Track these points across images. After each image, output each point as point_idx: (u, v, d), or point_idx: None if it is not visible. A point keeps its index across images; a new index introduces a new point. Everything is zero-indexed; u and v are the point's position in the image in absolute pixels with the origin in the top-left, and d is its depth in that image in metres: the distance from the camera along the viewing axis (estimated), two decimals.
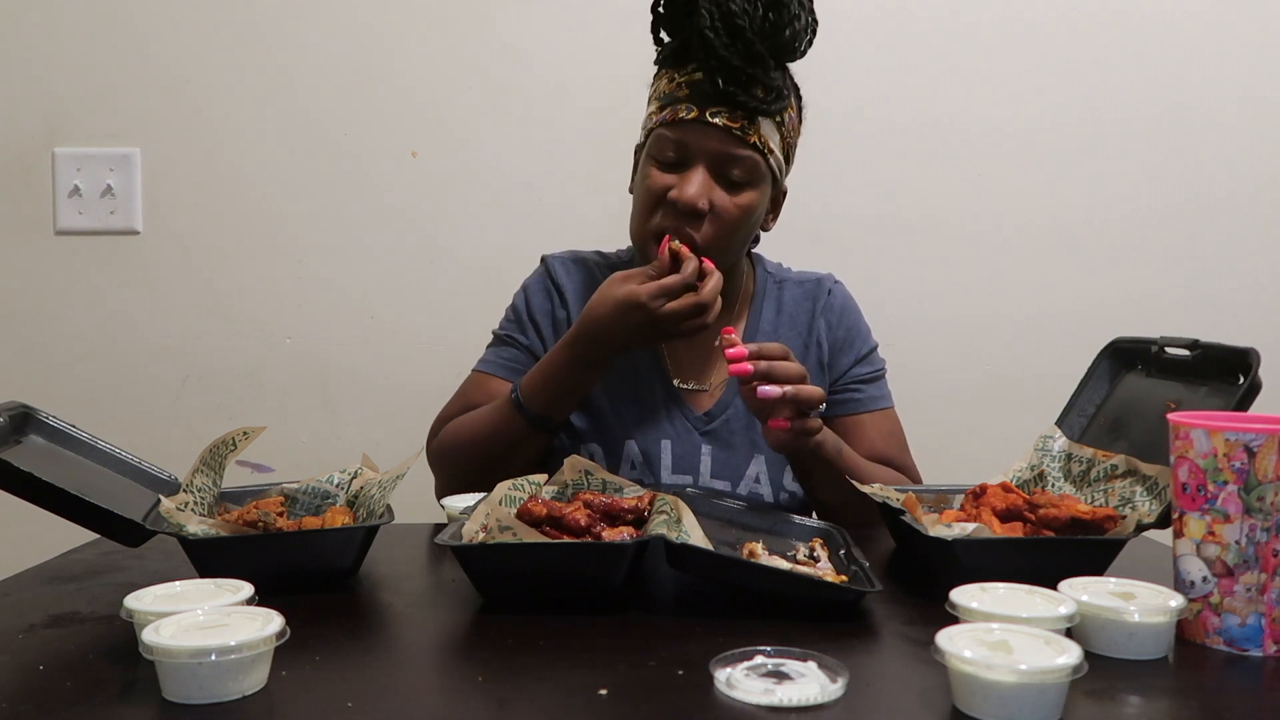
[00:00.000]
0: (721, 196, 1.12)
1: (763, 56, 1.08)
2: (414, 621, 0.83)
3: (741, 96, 1.09)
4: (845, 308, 1.31)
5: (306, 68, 1.74)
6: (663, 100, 1.14)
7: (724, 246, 1.14)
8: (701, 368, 1.26)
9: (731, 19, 1.05)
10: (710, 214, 1.12)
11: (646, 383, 1.24)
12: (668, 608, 0.85)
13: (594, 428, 1.23)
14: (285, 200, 1.76)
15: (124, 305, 1.77)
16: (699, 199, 1.10)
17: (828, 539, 0.97)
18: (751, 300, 1.29)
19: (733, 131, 1.10)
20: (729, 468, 1.21)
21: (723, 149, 1.11)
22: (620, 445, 1.21)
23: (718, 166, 1.12)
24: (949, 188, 1.76)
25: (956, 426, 1.74)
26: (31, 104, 1.74)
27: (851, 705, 0.62)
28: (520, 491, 0.98)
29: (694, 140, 1.11)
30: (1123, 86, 1.75)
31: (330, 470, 1.02)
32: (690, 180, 1.11)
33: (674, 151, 1.12)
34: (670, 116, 1.11)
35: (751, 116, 1.11)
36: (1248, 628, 0.73)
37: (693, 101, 1.10)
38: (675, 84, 1.12)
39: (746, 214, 1.14)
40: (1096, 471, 0.98)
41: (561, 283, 1.29)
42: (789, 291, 1.30)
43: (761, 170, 1.13)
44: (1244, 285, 1.76)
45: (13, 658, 0.72)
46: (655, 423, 1.22)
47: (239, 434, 0.99)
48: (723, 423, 1.22)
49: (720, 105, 1.09)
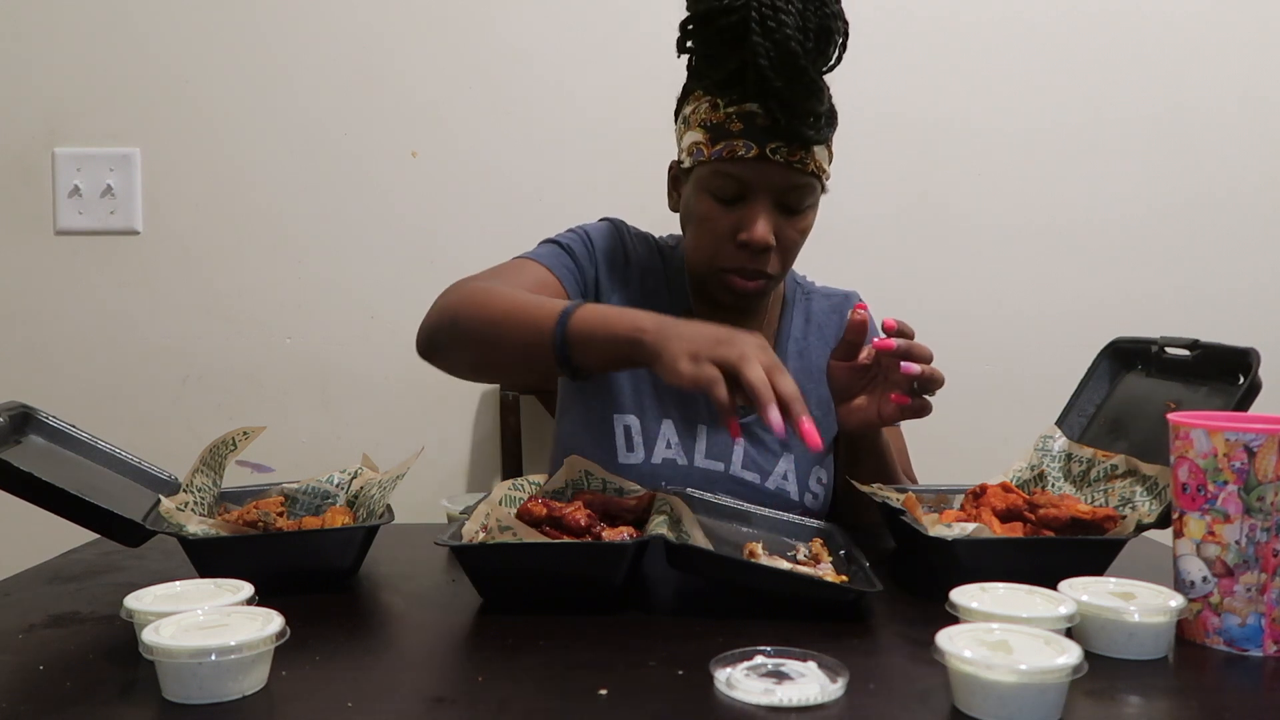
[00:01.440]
0: (784, 226, 1.13)
1: (821, 88, 1.08)
2: (414, 621, 0.83)
3: (806, 132, 1.07)
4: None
5: (306, 68, 1.74)
6: (713, 132, 1.10)
7: (786, 267, 1.17)
8: None
9: (792, 57, 1.02)
10: (775, 245, 1.13)
11: None
12: (668, 608, 0.85)
13: (635, 401, 1.21)
14: (285, 200, 1.76)
15: (124, 305, 1.77)
16: (769, 237, 1.11)
17: (828, 539, 0.97)
18: (783, 307, 1.30)
19: (794, 165, 1.09)
20: (760, 462, 1.21)
21: (784, 183, 1.10)
22: (659, 423, 1.20)
23: (779, 198, 1.11)
24: (949, 188, 1.76)
25: (956, 426, 1.74)
26: (31, 104, 1.74)
27: (851, 705, 0.62)
28: (520, 491, 0.98)
29: (755, 178, 1.10)
30: (1123, 86, 1.75)
31: (330, 470, 1.02)
32: (757, 220, 1.10)
33: (735, 188, 1.11)
34: (727, 153, 1.09)
35: (809, 147, 1.10)
36: (1248, 628, 0.73)
37: (750, 138, 1.08)
38: (725, 115, 1.09)
39: (805, 235, 1.16)
40: (1096, 471, 0.98)
41: (625, 242, 1.26)
42: (816, 303, 1.32)
43: (816, 192, 1.15)
44: (1244, 285, 1.76)
45: (13, 658, 0.72)
46: (696, 409, 1.22)
47: (239, 434, 0.99)
48: (757, 419, 1.21)
49: (779, 140, 1.08)
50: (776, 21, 1.01)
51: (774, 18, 1.01)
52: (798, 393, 0.84)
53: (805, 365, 1.26)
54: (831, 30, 1.06)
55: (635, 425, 1.20)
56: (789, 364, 1.26)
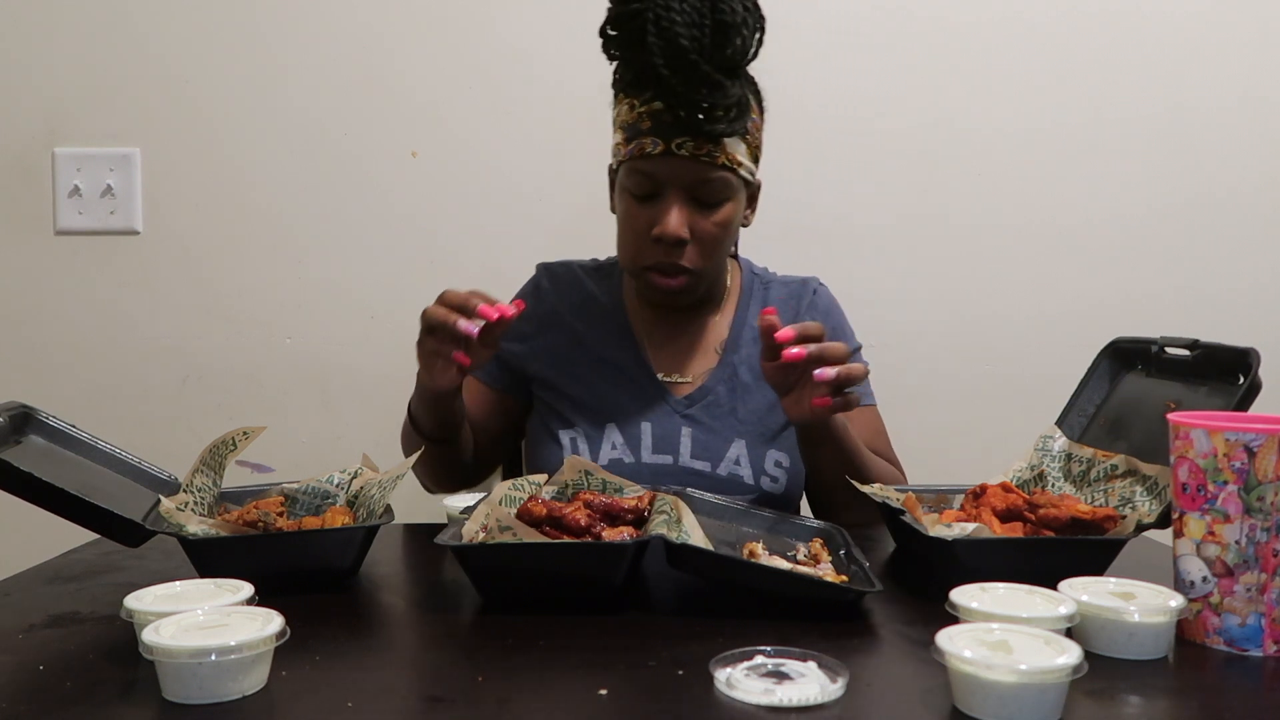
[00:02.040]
0: (699, 220, 1.16)
1: (719, 82, 1.08)
2: (414, 621, 0.83)
3: (706, 126, 1.10)
4: (830, 309, 1.34)
5: (306, 68, 1.74)
6: (627, 132, 1.15)
7: (710, 262, 1.20)
8: (683, 362, 1.29)
9: (682, 53, 1.04)
10: (692, 239, 1.16)
11: (628, 373, 1.27)
12: (668, 608, 0.85)
13: (577, 415, 1.26)
14: (285, 200, 1.76)
15: (124, 305, 1.77)
16: (679, 230, 1.14)
17: (828, 539, 0.97)
18: (739, 298, 1.32)
19: (701, 159, 1.12)
20: (709, 449, 1.23)
21: (693, 176, 1.13)
22: (602, 430, 1.24)
23: (691, 192, 1.15)
24: (949, 188, 1.76)
25: (957, 426, 1.75)
26: (31, 104, 1.74)
27: (851, 705, 0.62)
28: (520, 491, 0.98)
29: (664, 173, 1.13)
30: (1122, 87, 1.75)
31: (330, 470, 1.02)
32: (668, 214, 1.14)
33: (648, 184, 1.15)
34: (637, 151, 1.13)
35: (717, 140, 1.12)
36: (1248, 628, 0.73)
37: (657, 135, 1.12)
38: (637, 114, 1.14)
39: (725, 229, 1.18)
40: (1096, 471, 0.98)
41: (542, 284, 1.35)
42: (775, 291, 1.34)
43: (734, 185, 1.17)
44: (1244, 285, 1.76)
45: (13, 658, 0.72)
46: (637, 407, 1.25)
47: (239, 434, 0.99)
48: (702, 408, 1.25)
49: (684, 135, 1.11)
50: (669, 20, 1.04)
51: (666, 16, 1.04)
52: (463, 297, 1.04)
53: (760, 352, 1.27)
54: (729, 25, 1.06)
55: (579, 435, 1.25)
56: (744, 353, 1.28)
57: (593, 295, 1.33)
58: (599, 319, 1.31)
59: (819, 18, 1.74)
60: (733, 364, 1.27)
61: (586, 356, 1.29)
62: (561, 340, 1.30)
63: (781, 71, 1.73)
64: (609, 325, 1.30)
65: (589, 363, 1.28)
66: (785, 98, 1.74)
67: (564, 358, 1.28)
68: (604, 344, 1.29)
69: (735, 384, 1.26)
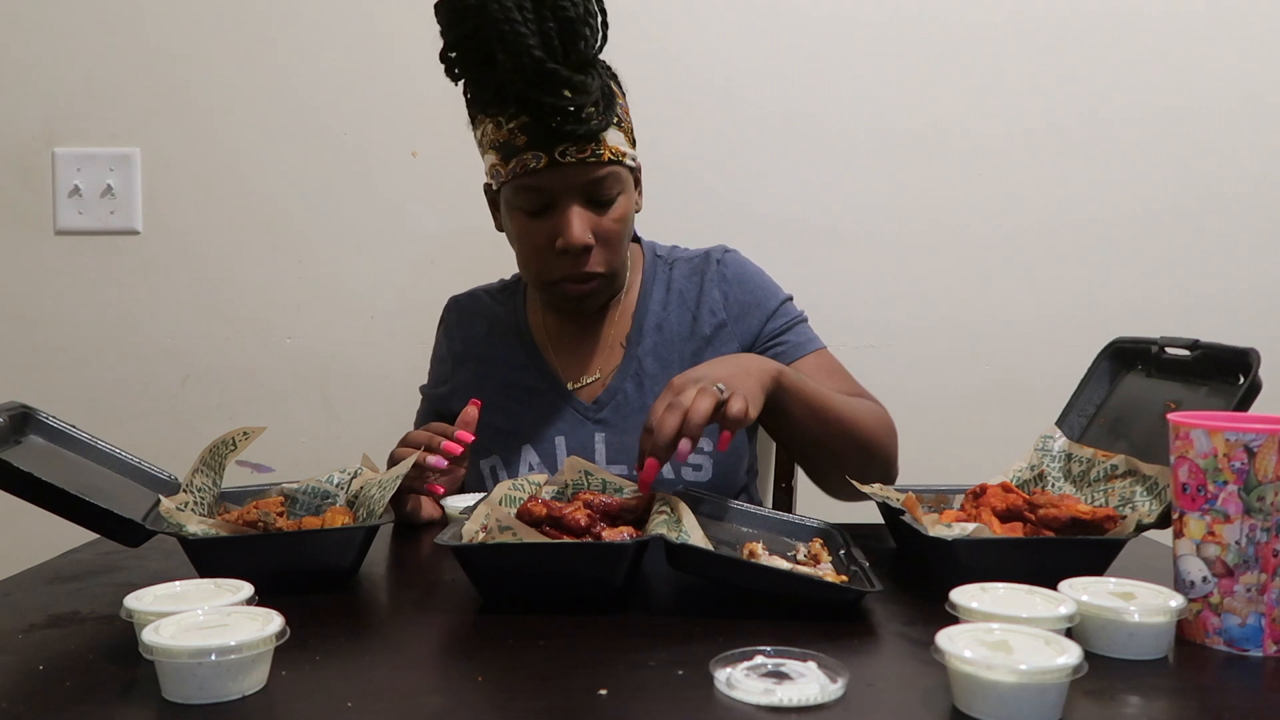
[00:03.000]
0: (599, 221, 1.15)
1: (580, 83, 1.07)
2: (414, 621, 0.83)
3: (581, 129, 1.08)
4: (740, 275, 1.30)
5: (306, 68, 1.74)
6: (503, 151, 1.12)
7: (615, 258, 1.19)
8: (587, 360, 1.28)
9: (538, 64, 1.03)
10: (595, 242, 1.15)
11: (537, 390, 1.27)
12: (668, 608, 0.85)
13: (495, 443, 1.26)
14: (285, 200, 1.76)
15: (124, 305, 1.77)
16: (583, 238, 1.13)
17: (828, 539, 0.97)
18: (640, 286, 1.31)
19: (587, 161, 1.11)
20: (624, 451, 1.22)
21: (583, 179, 1.12)
22: (518, 452, 1.24)
23: (585, 195, 1.14)
24: (949, 188, 1.76)
25: (956, 426, 1.75)
26: (31, 104, 1.74)
27: (851, 705, 0.62)
28: (520, 491, 0.98)
29: (554, 184, 1.12)
30: (1122, 87, 1.75)
31: (330, 470, 1.02)
32: (569, 224, 1.12)
33: (538, 199, 1.13)
34: (520, 169, 1.11)
35: (595, 138, 1.10)
36: (1248, 628, 0.73)
37: (537, 148, 1.09)
38: (507, 131, 1.11)
39: (623, 223, 1.18)
40: (1096, 471, 0.98)
41: (450, 321, 1.38)
42: (679, 270, 1.31)
43: (623, 177, 1.16)
44: (1244, 285, 1.76)
45: (13, 658, 0.72)
46: (548, 423, 1.25)
47: (239, 434, 0.99)
48: (612, 409, 1.24)
49: (563, 142, 1.09)
50: (514, 34, 1.02)
51: (511, 31, 1.02)
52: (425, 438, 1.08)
53: (665, 338, 1.27)
54: (573, 20, 1.04)
55: (498, 461, 1.26)
56: (648, 343, 1.26)
57: (497, 318, 1.34)
58: (504, 341, 1.31)
59: (820, 18, 1.74)
60: (637, 357, 1.25)
61: (497, 383, 1.29)
62: (472, 373, 1.31)
63: (783, 72, 1.74)
64: (514, 345, 1.31)
65: (500, 388, 1.28)
66: (786, 98, 1.75)
67: (477, 390, 1.27)
68: (511, 366, 1.29)
69: (642, 377, 1.24)
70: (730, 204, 1.73)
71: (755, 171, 1.74)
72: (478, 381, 1.30)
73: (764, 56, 1.74)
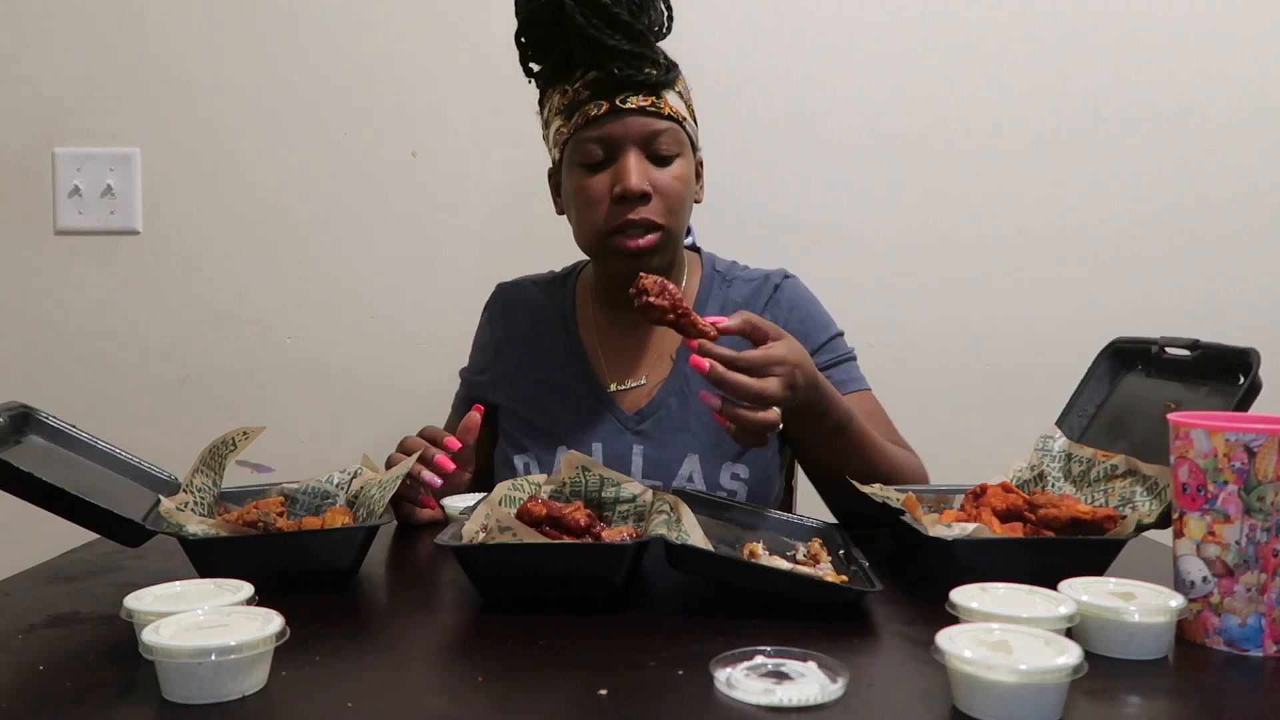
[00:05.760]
0: (658, 174, 1.15)
1: (645, 34, 1.12)
2: (414, 621, 0.83)
3: (641, 76, 1.12)
4: (795, 302, 1.28)
5: (306, 68, 1.74)
6: (568, 111, 1.15)
7: (674, 219, 1.17)
8: (633, 364, 1.26)
9: (605, 10, 1.09)
10: (655, 194, 1.15)
11: (577, 390, 1.26)
12: (668, 608, 0.85)
13: (530, 439, 1.25)
14: (285, 200, 1.76)
15: (124, 305, 1.77)
16: (642, 183, 1.13)
17: (828, 539, 0.97)
18: (695, 297, 1.28)
19: (648, 110, 1.13)
20: (661, 466, 1.20)
21: (645, 128, 1.14)
22: (553, 453, 1.22)
23: (645, 146, 1.15)
24: (950, 188, 1.76)
25: (956, 426, 1.74)
26: (31, 104, 1.74)
27: (851, 705, 0.62)
28: (520, 491, 0.98)
29: (615, 131, 1.13)
30: (1123, 88, 1.75)
31: (330, 470, 1.02)
32: (627, 169, 1.13)
33: (600, 149, 1.14)
34: (582, 119, 1.14)
35: (657, 91, 1.14)
36: (1248, 628, 0.73)
37: (599, 97, 1.13)
38: (574, 92, 1.15)
39: (684, 183, 1.18)
40: (1096, 471, 0.98)
41: (494, 310, 1.36)
42: (737, 289, 1.29)
43: (683, 138, 1.18)
44: (1244, 285, 1.76)
45: (13, 658, 0.72)
46: (587, 427, 1.23)
47: (239, 434, 0.99)
48: (654, 422, 1.22)
49: (625, 90, 1.12)
50: None
51: None
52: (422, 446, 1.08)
53: None
54: None
55: (532, 459, 1.24)
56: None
57: (543, 311, 1.32)
58: (549, 335, 1.30)
59: (823, 19, 1.74)
60: (685, 373, 1.22)
61: (537, 377, 1.27)
62: (513, 365, 1.30)
63: (785, 72, 1.74)
64: (559, 340, 1.29)
65: (540, 384, 1.27)
66: (789, 98, 1.75)
67: (516, 382, 1.28)
68: (554, 361, 1.28)
69: (687, 394, 1.22)
70: (732, 204, 1.73)
71: (757, 171, 1.74)
72: (519, 374, 1.29)
73: (766, 56, 1.74)
